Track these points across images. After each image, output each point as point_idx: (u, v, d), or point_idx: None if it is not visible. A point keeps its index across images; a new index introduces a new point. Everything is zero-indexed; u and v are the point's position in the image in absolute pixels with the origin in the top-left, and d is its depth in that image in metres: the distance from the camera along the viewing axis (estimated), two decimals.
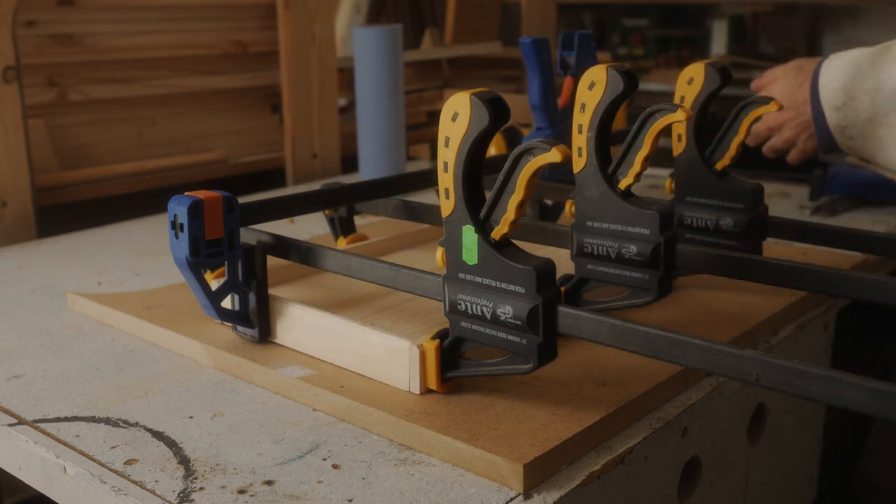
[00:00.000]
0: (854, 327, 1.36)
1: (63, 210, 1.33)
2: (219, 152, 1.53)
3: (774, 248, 1.03)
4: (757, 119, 0.83)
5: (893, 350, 1.35)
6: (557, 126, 1.02)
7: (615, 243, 0.72)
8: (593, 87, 0.71)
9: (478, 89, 0.60)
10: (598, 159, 0.72)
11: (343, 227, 0.98)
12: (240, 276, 0.75)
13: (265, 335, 0.77)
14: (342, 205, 0.95)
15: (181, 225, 0.69)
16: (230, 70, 1.54)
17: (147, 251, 1.12)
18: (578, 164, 0.73)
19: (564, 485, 0.58)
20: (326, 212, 0.98)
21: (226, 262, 0.74)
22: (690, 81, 0.84)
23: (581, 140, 0.72)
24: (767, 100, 0.82)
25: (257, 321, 0.76)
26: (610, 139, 0.73)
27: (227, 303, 0.77)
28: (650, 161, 0.73)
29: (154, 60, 1.45)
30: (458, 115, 0.60)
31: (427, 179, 0.97)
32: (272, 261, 0.86)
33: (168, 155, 1.48)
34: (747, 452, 0.80)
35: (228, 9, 1.52)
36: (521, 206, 0.61)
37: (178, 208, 0.69)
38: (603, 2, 3.40)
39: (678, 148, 0.86)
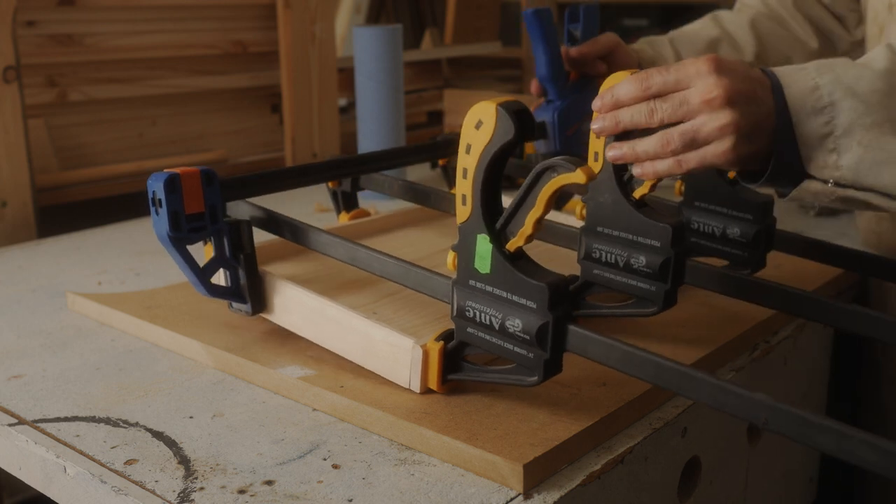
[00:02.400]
0: None
1: (63, 210, 1.33)
2: (219, 152, 1.53)
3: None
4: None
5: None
6: (567, 98, 1.01)
7: (624, 252, 0.71)
8: None
9: (503, 98, 0.59)
10: (615, 165, 0.70)
11: (346, 201, 0.98)
12: (227, 252, 0.74)
13: (258, 309, 0.76)
14: (345, 177, 0.94)
15: (159, 200, 0.69)
16: (230, 70, 1.54)
17: (147, 251, 1.12)
18: (594, 168, 0.71)
19: (564, 485, 0.58)
20: (330, 184, 0.97)
21: (212, 238, 0.73)
22: None
23: (598, 145, 0.71)
24: None
25: (249, 296, 0.75)
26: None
27: (219, 279, 0.76)
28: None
29: (154, 60, 1.45)
30: (482, 124, 0.59)
31: (428, 151, 0.96)
32: (272, 235, 0.85)
33: (168, 155, 1.48)
34: (747, 452, 0.80)
35: (228, 9, 1.52)
36: (539, 221, 0.60)
37: (155, 184, 0.68)
38: (603, 2, 3.40)
39: None
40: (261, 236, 0.88)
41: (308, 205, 1.30)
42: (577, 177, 0.57)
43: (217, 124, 1.56)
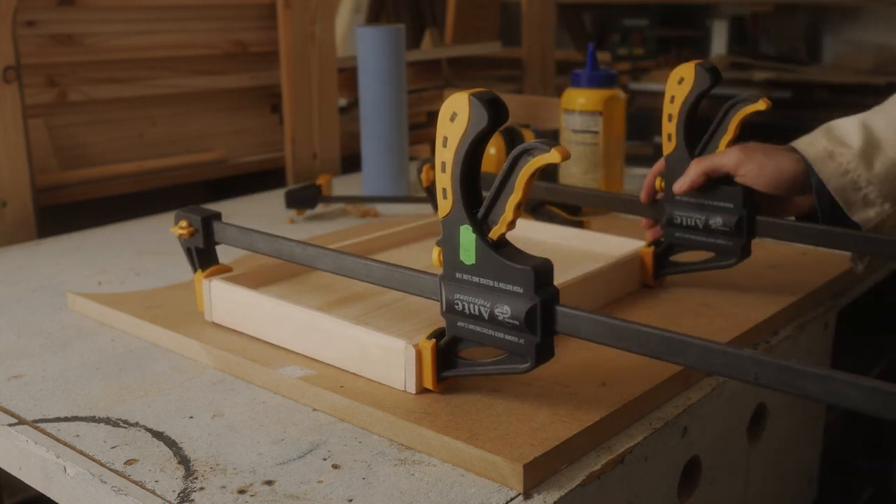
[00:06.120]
0: (856, 323, 1.37)
1: (63, 210, 1.33)
2: (219, 152, 1.53)
3: (772, 248, 1.03)
4: (747, 117, 0.83)
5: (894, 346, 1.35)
6: None
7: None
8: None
9: (476, 89, 0.60)
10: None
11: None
12: None
13: None
14: None
15: None
16: (230, 70, 1.54)
17: (147, 251, 1.12)
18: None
19: (564, 485, 0.58)
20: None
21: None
22: (681, 81, 0.84)
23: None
24: (756, 97, 0.83)
25: None
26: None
27: None
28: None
29: (154, 60, 1.45)
30: (456, 116, 0.60)
31: None
32: (265, 259, 0.85)
33: (168, 155, 1.48)
34: (747, 452, 0.80)
35: (228, 9, 1.52)
36: (519, 206, 0.60)
37: None
38: (603, 2, 3.40)
39: (668, 147, 0.86)
40: (241, 256, 0.89)
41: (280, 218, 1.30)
42: (552, 157, 0.58)
43: (217, 124, 1.56)
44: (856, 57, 3.00)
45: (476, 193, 0.63)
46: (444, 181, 0.62)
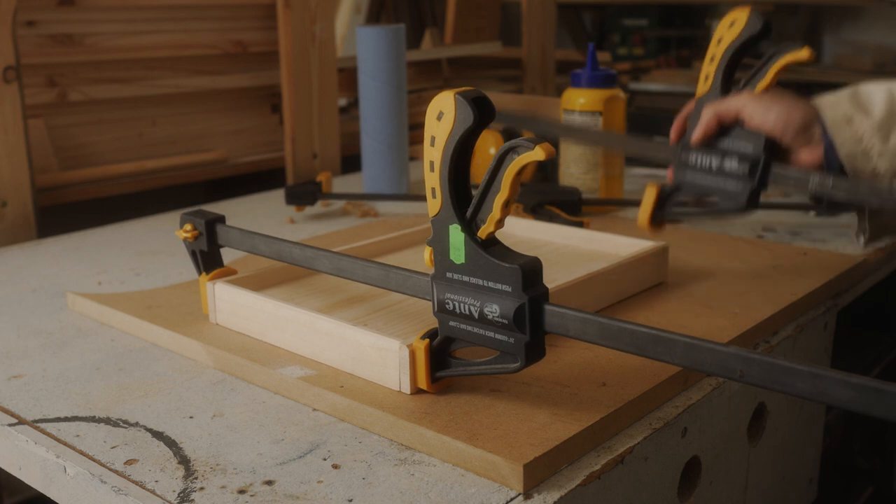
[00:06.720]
0: (856, 324, 1.37)
1: (63, 210, 1.33)
2: (219, 152, 1.53)
3: (772, 248, 1.03)
4: (784, 68, 0.83)
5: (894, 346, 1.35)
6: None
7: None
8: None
9: (462, 88, 0.60)
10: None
11: None
12: None
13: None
14: None
15: None
16: (230, 70, 1.54)
17: (147, 251, 1.12)
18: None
19: (564, 485, 0.58)
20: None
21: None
22: (732, 24, 0.84)
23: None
24: (799, 45, 0.82)
25: None
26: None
27: None
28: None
29: (154, 60, 1.45)
30: (443, 115, 0.60)
31: None
32: (268, 262, 0.85)
33: (168, 155, 1.48)
34: (747, 452, 0.80)
35: (228, 9, 1.52)
36: (506, 204, 0.61)
37: None
38: (603, 2, 3.40)
39: (702, 89, 0.86)
40: (241, 256, 0.90)
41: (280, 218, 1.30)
42: (537, 154, 0.58)
43: (217, 124, 1.56)
44: (856, 57, 3.00)
45: (465, 192, 0.63)
46: (433, 180, 0.62)
